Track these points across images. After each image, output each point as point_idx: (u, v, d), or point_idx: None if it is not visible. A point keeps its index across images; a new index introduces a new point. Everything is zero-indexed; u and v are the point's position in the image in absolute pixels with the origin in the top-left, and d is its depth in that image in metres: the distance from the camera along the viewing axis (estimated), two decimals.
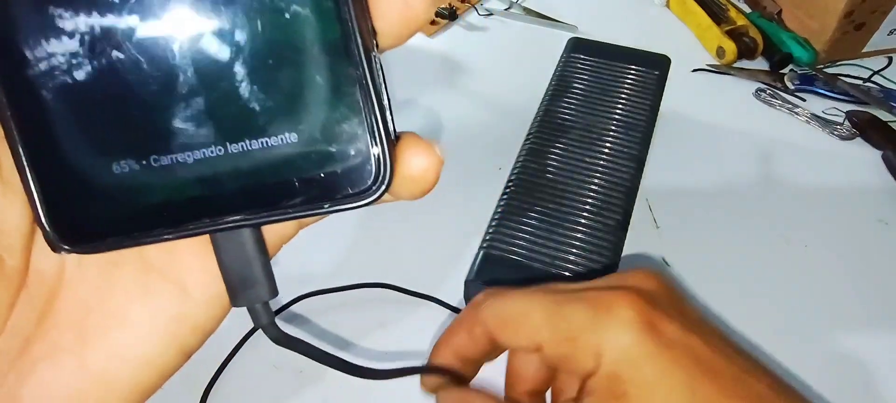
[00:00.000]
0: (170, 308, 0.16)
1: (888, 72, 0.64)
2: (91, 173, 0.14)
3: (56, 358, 0.15)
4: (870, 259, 0.49)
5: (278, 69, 0.14)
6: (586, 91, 0.50)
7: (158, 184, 0.14)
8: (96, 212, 0.14)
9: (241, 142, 0.14)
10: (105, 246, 0.15)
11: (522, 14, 0.69)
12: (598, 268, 0.40)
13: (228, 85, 0.14)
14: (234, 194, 0.14)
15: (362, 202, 0.14)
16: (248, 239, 0.16)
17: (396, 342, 0.44)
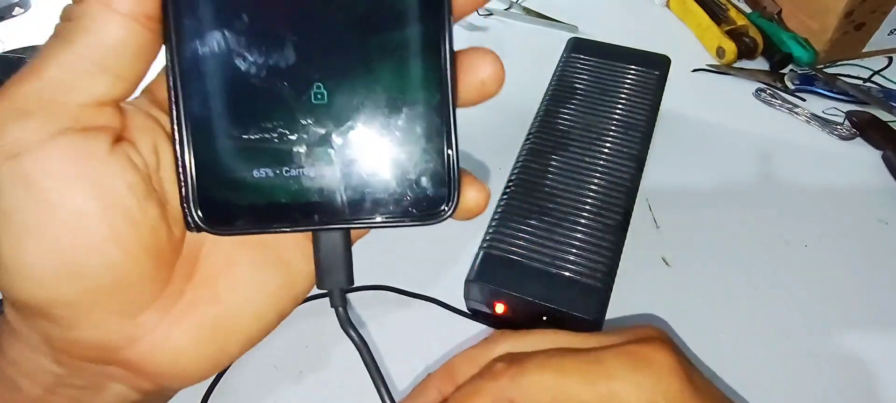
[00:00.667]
0: (277, 278, 0.21)
1: (888, 72, 0.64)
2: (235, 174, 0.18)
3: (194, 311, 0.19)
4: (870, 259, 0.49)
5: (390, 114, 0.18)
6: (586, 91, 0.50)
7: (283, 190, 0.18)
8: (233, 205, 0.18)
9: (352, 167, 0.19)
10: (234, 231, 0.19)
11: (522, 14, 0.69)
12: (599, 268, 0.40)
13: (351, 125, 0.18)
14: (339, 203, 0.19)
15: (432, 222, 0.19)
16: (341, 238, 0.20)
17: (397, 343, 0.44)
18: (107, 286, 0.17)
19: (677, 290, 0.47)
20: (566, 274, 0.40)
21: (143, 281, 0.18)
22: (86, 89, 0.16)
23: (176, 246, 0.19)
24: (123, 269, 0.17)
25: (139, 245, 0.17)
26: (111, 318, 0.18)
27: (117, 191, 0.17)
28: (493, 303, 0.42)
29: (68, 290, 0.17)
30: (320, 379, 0.42)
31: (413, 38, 0.18)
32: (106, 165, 0.17)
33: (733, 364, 0.43)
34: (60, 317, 0.17)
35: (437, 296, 0.45)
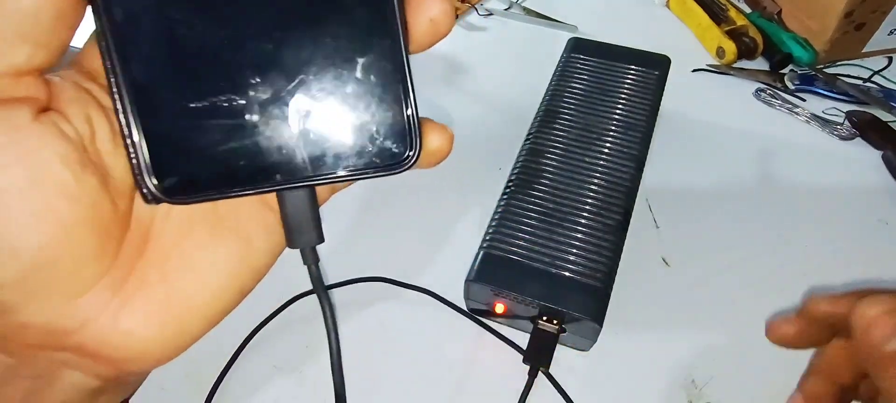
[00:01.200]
0: (235, 253, 0.20)
1: (888, 73, 0.64)
2: (187, 137, 0.17)
3: (147, 290, 0.19)
4: (870, 259, 0.49)
5: (343, 65, 0.18)
6: (586, 91, 0.50)
7: (240, 152, 0.18)
8: (189, 170, 0.18)
9: (310, 120, 0.18)
10: (193, 199, 0.18)
11: (522, 14, 0.69)
12: (599, 268, 0.40)
13: (303, 79, 0.18)
14: (301, 160, 0.18)
15: (397, 170, 0.19)
16: (307, 196, 0.20)
17: (392, 334, 0.44)
18: (45, 265, 0.16)
19: (677, 290, 0.47)
20: (566, 274, 0.40)
21: (86, 259, 0.17)
22: (2, 58, 0.15)
23: (122, 220, 0.18)
24: (62, 246, 0.16)
25: (78, 219, 0.16)
26: (54, 300, 0.17)
27: (46, 162, 0.16)
28: (494, 303, 0.42)
29: (4, 273, 0.16)
30: (320, 379, 0.42)
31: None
32: (30, 135, 0.16)
33: (733, 364, 0.43)
34: (2, 302, 0.17)
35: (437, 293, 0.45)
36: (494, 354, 0.43)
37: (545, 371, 0.41)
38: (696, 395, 0.42)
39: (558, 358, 0.40)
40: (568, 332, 0.40)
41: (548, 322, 0.40)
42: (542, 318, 0.40)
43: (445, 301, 0.45)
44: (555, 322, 0.40)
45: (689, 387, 0.42)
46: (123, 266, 0.18)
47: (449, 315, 0.45)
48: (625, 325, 0.44)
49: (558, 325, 0.40)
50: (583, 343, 0.42)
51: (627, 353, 0.43)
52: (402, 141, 0.19)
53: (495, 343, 0.44)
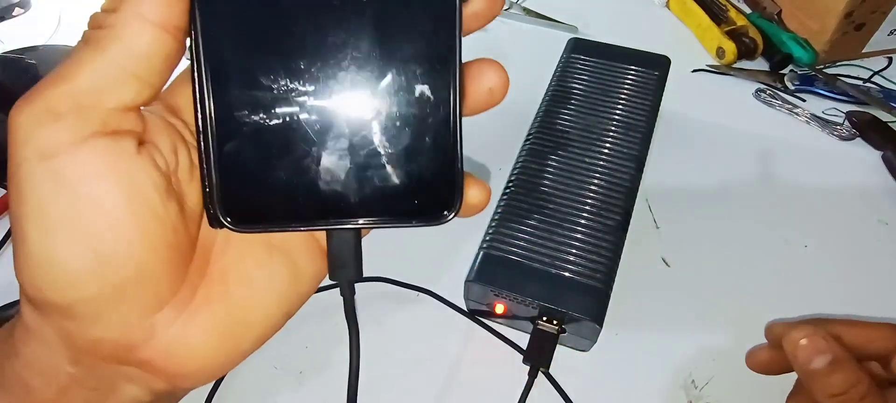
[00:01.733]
0: (285, 276, 0.22)
1: (888, 73, 0.64)
2: (257, 175, 0.19)
3: (210, 306, 0.20)
4: (870, 259, 0.49)
5: (401, 126, 0.20)
6: (586, 91, 0.50)
7: (301, 191, 0.20)
8: (254, 204, 0.20)
9: (365, 173, 0.20)
10: (255, 229, 0.20)
11: (522, 14, 0.69)
12: (599, 268, 0.40)
13: (366, 133, 0.19)
14: (353, 204, 0.20)
15: (437, 223, 0.20)
16: (353, 236, 0.21)
17: (392, 335, 0.44)
18: (131, 280, 0.18)
19: (677, 290, 0.47)
20: (566, 275, 0.40)
21: (165, 277, 0.19)
22: (116, 94, 0.17)
23: (192, 243, 0.20)
24: (148, 263, 0.18)
25: (162, 240, 0.18)
26: (132, 314, 0.19)
27: (144, 187, 0.18)
28: (494, 304, 0.42)
29: (95, 284, 0.17)
30: (320, 379, 0.42)
31: (425, 49, 0.19)
32: (133, 164, 0.18)
33: (733, 364, 0.43)
34: (83, 314, 0.18)
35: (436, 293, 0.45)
36: (494, 354, 0.43)
37: (545, 371, 0.41)
38: (696, 396, 0.42)
39: (558, 358, 0.40)
40: (568, 332, 0.40)
41: (548, 322, 0.40)
42: (541, 318, 0.40)
43: (445, 301, 0.45)
44: (555, 322, 0.40)
45: (689, 388, 0.42)
46: (192, 283, 0.20)
47: (449, 315, 0.45)
48: (625, 325, 0.44)
49: (558, 325, 0.40)
50: (583, 344, 0.42)
51: (627, 353, 0.43)
52: (448, 197, 0.20)
53: (495, 343, 0.44)
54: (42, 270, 0.17)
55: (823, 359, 0.30)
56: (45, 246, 0.17)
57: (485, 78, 0.20)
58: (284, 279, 0.21)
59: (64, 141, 0.17)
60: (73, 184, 0.17)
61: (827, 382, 0.30)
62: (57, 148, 0.17)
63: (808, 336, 0.31)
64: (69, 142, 0.17)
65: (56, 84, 0.17)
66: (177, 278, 0.19)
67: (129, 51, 0.17)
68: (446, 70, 0.19)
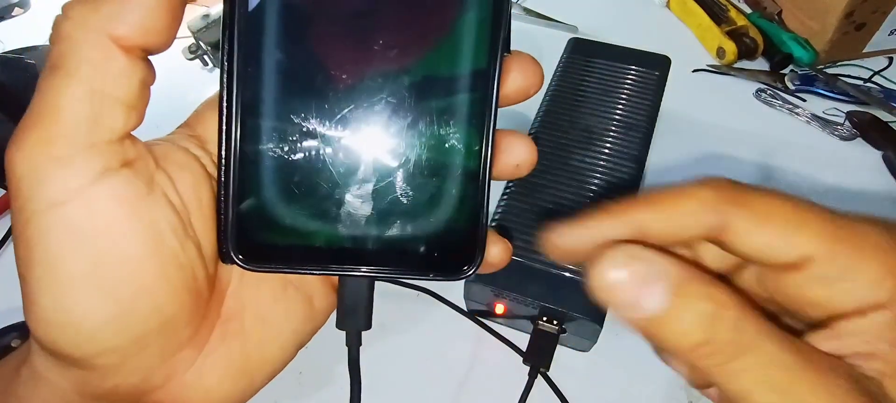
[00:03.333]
0: (300, 311, 0.21)
1: (889, 73, 0.64)
2: (275, 215, 0.19)
3: (227, 343, 0.20)
4: None
5: (428, 179, 0.19)
6: (586, 91, 0.50)
7: (319, 234, 0.19)
8: (269, 244, 0.19)
9: (386, 222, 0.19)
10: (267, 269, 0.19)
11: (522, 14, 0.69)
12: None
13: (391, 182, 0.19)
14: (369, 253, 0.19)
15: (457, 278, 0.20)
16: (366, 286, 0.20)
17: (395, 336, 0.44)
18: (154, 330, 0.17)
19: None
20: (566, 275, 0.39)
21: (185, 321, 0.18)
22: (108, 124, 0.16)
23: (210, 282, 0.19)
24: (169, 310, 0.17)
25: (183, 284, 0.17)
26: (153, 360, 0.18)
27: (162, 231, 0.17)
28: (494, 303, 0.42)
29: (116, 337, 0.17)
30: (320, 380, 0.42)
31: (460, 109, 0.19)
32: (149, 206, 0.17)
33: None
34: (103, 365, 0.17)
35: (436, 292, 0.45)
36: (494, 354, 0.43)
37: (545, 372, 0.40)
38: (696, 396, 0.42)
39: (558, 359, 0.40)
40: (568, 332, 0.40)
41: (548, 322, 0.40)
42: (542, 319, 0.40)
43: (445, 300, 0.45)
44: (555, 322, 0.40)
45: (689, 388, 0.42)
46: (209, 322, 0.19)
47: (449, 315, 0.45)
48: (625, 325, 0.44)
49: (558, 325, 0.40)
50: (583, 344, 0.42)
51: (627, 353, 0.43)
52: (469, 255, 0.20)
53: (495, 343, 0.43)
54: (59, 327, 0.16)
55: (657, 294, 0.16)
56: (63, 304, 0.16)
57: (515, 152, 0.20)
58: (299, 315, 0.21)
59: (73, 186, 0.15)
60: (91, 234, 0.16)
61: (676, 331, 0.16)
62: (67, 195, 0.15)
63: (620, 262, 0.17)
64: (78, 187, 0.15)
65: (45, 123, 0.15)
66: (196, 319, 0.19)
67: (103, 73, 0.15)
68: (479, 129, 0.19)
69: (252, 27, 0.18)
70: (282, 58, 0.18)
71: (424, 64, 0.19)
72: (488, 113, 0.19)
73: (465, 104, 0.19)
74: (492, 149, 0.19)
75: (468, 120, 0.19)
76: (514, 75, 0.19)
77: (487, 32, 0.19)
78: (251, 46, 0.18)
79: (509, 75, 0.19)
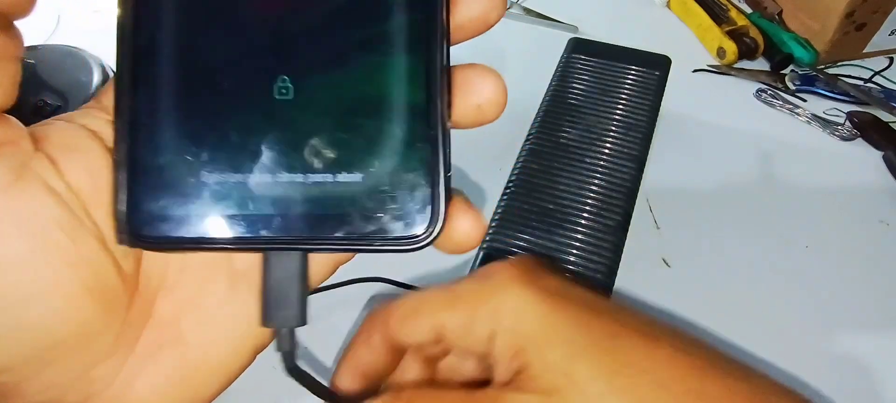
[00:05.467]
0: (253, 311, 0.18)
1: (889, 73, 0.63)
2: (175, 178, 0.15)
3: (161, 352, 0.17)
4: (871, 260, 0.49)
5: (365, 115, 0.16)
6: (587, 91, 0.50)
7: (230, 200, 0.16)
8: (171, 215, 0.16)
9: (314, 174, 0.16)
10: (169, 246, 0.16)
11: (522, 14, 0.69)
12: (599, 269, 0.40)
13: (318, 128, 0.16)
14: (296, 218, 0.16)
15: (408, 248, 0.16)
16: (295, 263, 0.17)
17: None
18: (51, 342, 0.15)
19: (677, 291, 0.46)
20: (566, 275, 0.39)
21: (94, 329, 0.15)
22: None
23: (129, 281, 0.16)
24: (68, 319, 0.15)
25: (83, 288, 0.15)
26: (61, 376, 0.15)
27: (43, 226, 0.14)
28: None
29: (7, 355, 0.14)
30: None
31: (398, 35, 0.16)
32: (21, 195, 0.14)
33: None
34: (3, 384, 0.15)
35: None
36: None
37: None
38: None
39: None
40: None
41: None
42: None
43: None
44: None
45: None
46: (134, 328, 0.17)
47: None
48: None
49: None
50: None
51: None
52: (421, 216, 0.16)
53: None
54: None
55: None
56: None
57: (476, 89, 0.17)
58: (252, 315, 0.18)
59: None
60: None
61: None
62: None
63: None
64: None
65: None
66: (111, 326, 0.16)
67: None
68: (425, 58, 0.16)
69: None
70: (179, 3, 0.16)
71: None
72: (434, 41, 0.16)
73: (403, 32, 0.16)
74: (446, 86, 0.16)
75: (409, 51, 0.16)
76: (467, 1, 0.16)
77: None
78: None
79: (464, 7, 0.16)
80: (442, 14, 0.16)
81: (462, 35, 0.17)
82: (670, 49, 0.53)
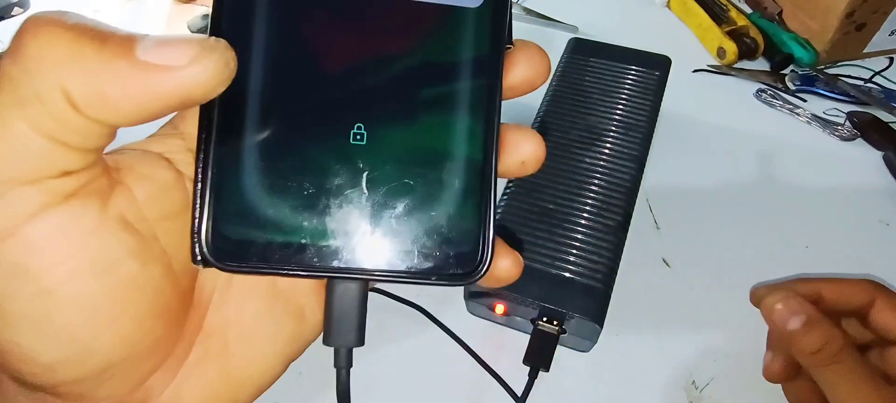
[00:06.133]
0: (290, 328, 0.19)
1: (889, 73, 0.64)
2: (253, 206, 0.17)
3: (208, 363, 0.18)
4: (871, 260, 0.49)
5: (428, 165, 0.18)
6: (587, 91, 0.50)
7: (303, 230, 0.17)
8: (247, 240, 0.17)
9: (380, 213, 0.17)
10: (243, 269, 0.17)
11: (522, 14, 0.69)
12: (599, 269, 0.40)
13: (386, 175, 0.17)
14: (361, 251, 0.17)
15: (457, 284, 0.18)
16: (357, 291, 0.18)
17: (395, 337, 0.44)
18: (119, 360, 0.16)
19: (677, 291, 0.46)
20: (566, 275, 0.39)
21: (155, 346, 0.17)
22: (52, 164, 0.14)
23: (184, 298, 0.18)
24: (135, 340, 0.16)
25: (147, 311, 0.16)
26: (122, 387, 0.17)
27: (117, 260, 0.15)
28: (494, 304, 0.41)
29: (77, 372, 0.15)
30: (320, 380, 0.42)
31: (462, 96, 0.18)
32: (100, 234, 0.15)
33: (734, 365, 0.43)
34: (69, 394, 0.16)
35: (433, 304, 0.45)
36: (494, 355, 0.43)
37: (545, 372, 0.40)
38: (697, 397, 0.42)
39: (558, 359, 0.40)
40: (568, 333, 0.40)
41: (548, 323, 0.40)
42: (542, 319, 0.40)
43: (435, 319, 0.45)
44: (555, 322, 0.40)
45: (690, 389, 0.42)
46: (187, 340, 0.18)
47: (448, 314, 0.45)
48: (625, 326, 0.44)
49: (558, 326, 0.40)
50: (583, 344, 0.42)
51: (628, 354, 0.43)
52: (472, 258, 0.18)
53: (495, 342, 0.43)
54: (13, 358, 0.15)
55: (798, 320, 0.32)
56: (16, 340, 0.15)
57: (521, 148, 0.19)
58: (289, 331, 0.19)
59: (6, 225, 0.14)
60: (33, 274, 0.14)
61: (803, 341, 0.32)
62: (3, 231, 0.14)
63: (782, 299, 0.33)
64: (13, 225, 0.14)
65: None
66: (168, 341, 0.17)
67: (54, 120, 0.13)
68: (482, 121, 0.18)
69: (238, 11, 0.17)
70: (268, 43, 0.17)
71: (422, 51, 0.18)
72: (491, 104, 0.18)
73: (466, 94, 0.18)
74: (497, 145, 0.18)
75: (470, 111, 0.18)
76: (519, 66, 0.19)
77: (489, 21, 0.18)
78: (236, 30, 0.17)
79: (515, 66, 0.18)
80: (500, 80, 0.18)
81: (511, 94, 0.19)
82: (670, 49, 0.53)
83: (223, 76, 0.14)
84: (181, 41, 0.14)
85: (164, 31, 0.67)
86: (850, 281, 0.35)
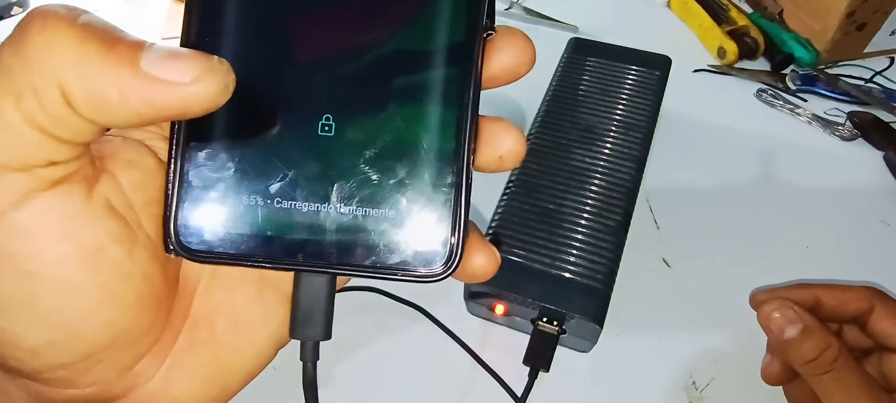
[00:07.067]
0: (279, 317, 0.19)
1: (890, 73, 0.63)
2: (222, 199, 0.17)
3: (196, 350, 0.18)
4: (871, 260, 0.49)
5: (398, 157, 0.17)
6: (587, 91, 0.50)
7: (271, 222, 0.17)
8: (215, 232, 0.17)
9: (348, 206, 0.17)
10: (211, 260, 0.17)
11: (523, 14, 0.69)
12: (599, 269, 0.40)
13: (354, 166, 0.17)
14: (329, 245, 0.17)
15: (428, 280, 0.17)
16: (325, 284, 0.18)
17: (395, 337, 0.44)
18: (106, 346, 0.16)
19: (677, 291, 0.46)
20: (566, 275, 0.39)
21: (142, 332, 0.17)
22: (42, 155, 0.14)
23: (171, 285, 0.18)
24: (121, 326, 0.16)
25: (134, 297, 0.16)
26: (109, 373, 0.17)
27: (103, 245, 0.15)
28: (494, 305, 0.41)
29: (63, 357, 0.16)
30: (320, 380, 0.42)
31: (434, 85, 0.17)
32: (86, 220, 0.15)
33: (734, 365, 0.43)
34: (55, 379, 0.16)
35: (434, 304, 0.45)
36: (494, 355, 0.43)
37: (545, 372, 0.40)
38: (697, 397, 0.42)
39: (558, 359, 0.40)
40: (568, 333, 0.40)
41: (548, 323, 0.40)
42: (542, 319, 0.40)
43: (435, 319, 0.45)
44: (555, 323, 0.40)
45: (690, 389, 0.42)
46: (174, 328, 0.18)
47: (448, 314, 0.45)
48: (625, 326, 0.44)
49: (558, 326, 0.40)
50: (583, 345, 0.42)
51: (627, 354, 0.43)
52: (442, 252, 0.17)
53: (495, 343, 0.43)
54: (2, 343, 0.15)
55: (794, 329, 0.32)
56: (2, 324, 0.15)
57: (499, 142, 0.18)
58: (278, 319, 0.19)
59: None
60: (17, 257, 0.14)
61: (799, 350, 0.32)
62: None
63: (779, 308, 0.33)
64: (0, 209, 0.14)
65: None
66: (156, 327, 0.17)
67: (46, 114, 0.14)
68: (457, 110, 0.17)
69: (208, 3, 0.17)
70: (238, 33, 0.17)
71: (393, 38, 0.17)
72: (466, 94, 0.17)
73: (439, 83, 0.17)
74: (473, 137, 0.17)
75: (443, 101, 0.17)
76: (501, 53, 0.18)
77: (465, 4, 0.17)
78: (206, 22, 0.17)
79: (497, 53, 0.18)
80: (477, 68, 0.17)
81: (492, 84, 0.18)
82: (670, 49, 0.53)
83: (221, 98, 0.14)
84: (186, 57, 0.14)
85: (164, 31, 0.67)
86: (849, 287, 0.34)
